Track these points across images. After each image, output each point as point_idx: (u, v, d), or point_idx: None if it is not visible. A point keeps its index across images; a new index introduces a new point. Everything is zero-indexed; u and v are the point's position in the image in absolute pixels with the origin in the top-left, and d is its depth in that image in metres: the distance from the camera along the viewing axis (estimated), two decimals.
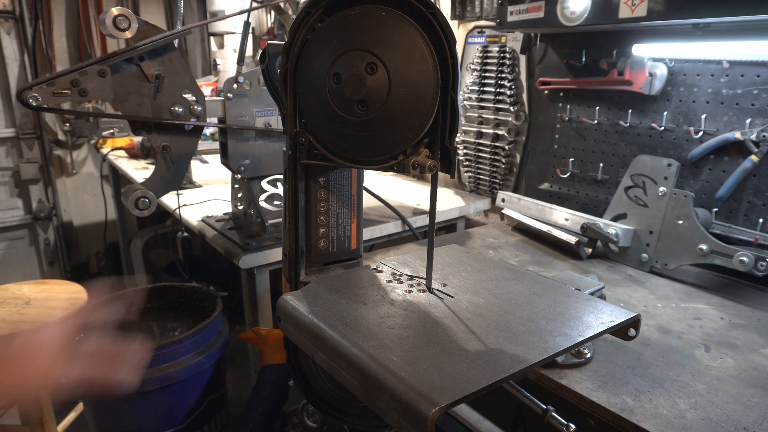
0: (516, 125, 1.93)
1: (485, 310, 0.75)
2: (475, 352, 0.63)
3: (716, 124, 1.39)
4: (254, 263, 1.52)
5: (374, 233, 1.75)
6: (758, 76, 1.30)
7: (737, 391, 0.87)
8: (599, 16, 1.33)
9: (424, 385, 0.56)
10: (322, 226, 0.87)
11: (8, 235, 3.65)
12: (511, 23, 1.58)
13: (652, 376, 0.90)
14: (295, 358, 0.87)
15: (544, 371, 0.91)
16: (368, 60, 0.67)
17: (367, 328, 0.69)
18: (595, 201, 1.70)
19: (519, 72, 1.90)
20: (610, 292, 1.26)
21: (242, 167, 1.53)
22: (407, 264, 0.91)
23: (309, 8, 0.71)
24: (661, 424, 0.77)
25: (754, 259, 1.17)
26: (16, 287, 2.17)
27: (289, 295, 0.78)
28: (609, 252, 1.49)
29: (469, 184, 2.19)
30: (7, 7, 3.33)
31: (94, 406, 1.65)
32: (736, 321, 1.13)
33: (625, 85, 1.52)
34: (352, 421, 0.92)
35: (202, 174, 2.50)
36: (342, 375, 0.64)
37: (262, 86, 1.51)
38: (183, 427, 1.67)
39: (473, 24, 2.03)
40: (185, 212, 1.88)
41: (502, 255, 1.53)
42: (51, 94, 1.11)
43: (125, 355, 0.72)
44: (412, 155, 0.70)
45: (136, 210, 1.20)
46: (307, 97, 0.74)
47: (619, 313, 0.74)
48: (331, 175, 0.85)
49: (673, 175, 1.34)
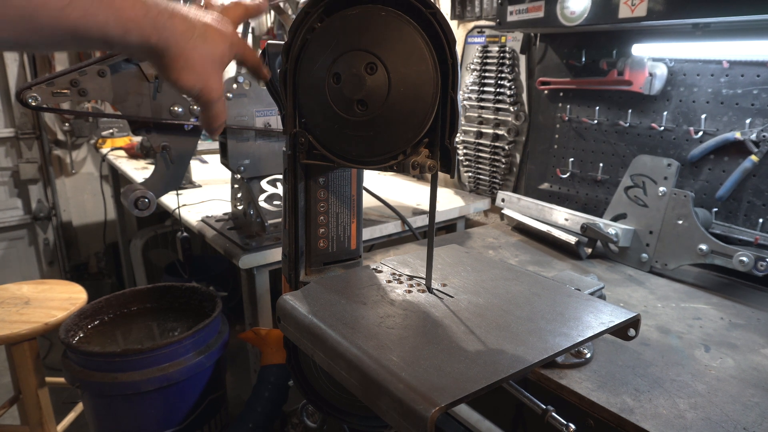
0: (516, 125, 1.93)
1: (485, 310, 0.75)
2: (475, 352, 0.63)
3: (716, 124, 1.39)
4: (254, 263, 1.52)
5: (374, 233, 1.75)
6: (758, 76, 1.30)
7: (737, 391, 0.87)
8: (599, 16, 1.33)
9: (424, 385, 0.56)
10: (321, 226, 0.87)
11: (8, 235, 3.65)
12: (510, 23, 1.58)
13: (652, 376, 0.90)
14: (295, 358, 0.87)
15: (544, 371, 0.91)
16: (368, 60, 0.67)
17: (367, 328, 0.69)
18: (595, 201, 1.70)
19: (519, 72, 1.90)
20: (610, 292, 1.26)
21: (242, 167, 1.53)
22: (407, 264, 0.91)
23: (309, 8, 0.71)
24: (661, 424, 0.77)
25: (754, 259, 1.17)
26: (16, 287, 2.17)
27: (289, 295, 0.78)
28: (609, 252, 1.49)
29: (469, 184, 2.19)
30: None
31: (94, 405, 1.65)
32: (736, 321, 1.13)
33: (625, 85, 1.52)
34: (352, 421, 0.92)
35: (201, 174, 2.50)
36: (342, 375, 0.64)
37: (262, 86, 1.51)
38: (183, 427, 1.67)
39: (473, 24, 2.03)
40: (185, 212, 1.88)
41: (502, 255, 1.53)
42: (50, 94, 1.11)
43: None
44: (412, 155, 0.70)
45: (136, 210, 1.20)
46: (306, 97, 0.74)
47: (619, 313, 0.74)
48: (331, 175, 0.85)
49: (673, 175, 1.34)
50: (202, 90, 0.68)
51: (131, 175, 2.53)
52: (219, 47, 0.67)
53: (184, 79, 0.65)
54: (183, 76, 0.65)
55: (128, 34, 0.57)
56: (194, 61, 0.65)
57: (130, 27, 0.57)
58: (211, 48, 0.66)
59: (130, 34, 0.57)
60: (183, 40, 0.63)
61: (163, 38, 0.61)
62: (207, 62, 0.66)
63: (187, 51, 0.63)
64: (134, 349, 1.51)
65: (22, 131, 3.54)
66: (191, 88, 0.67)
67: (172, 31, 0.61)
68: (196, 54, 0.65)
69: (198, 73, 0.66)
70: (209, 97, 0.70)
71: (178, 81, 0.66)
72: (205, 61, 0.66)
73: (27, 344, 1.89)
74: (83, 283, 2.28)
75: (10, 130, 3.51)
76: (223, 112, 0.74)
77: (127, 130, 3.25)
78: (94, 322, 1.79)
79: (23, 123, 3.52)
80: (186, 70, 0.65)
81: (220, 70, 0.70)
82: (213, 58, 0.67)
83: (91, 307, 1.80)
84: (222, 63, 0.69)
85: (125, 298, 1.87)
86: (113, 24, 0.55)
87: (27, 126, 3.54)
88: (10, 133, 3.51)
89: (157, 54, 0.62)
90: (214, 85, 0.69)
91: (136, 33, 0.58)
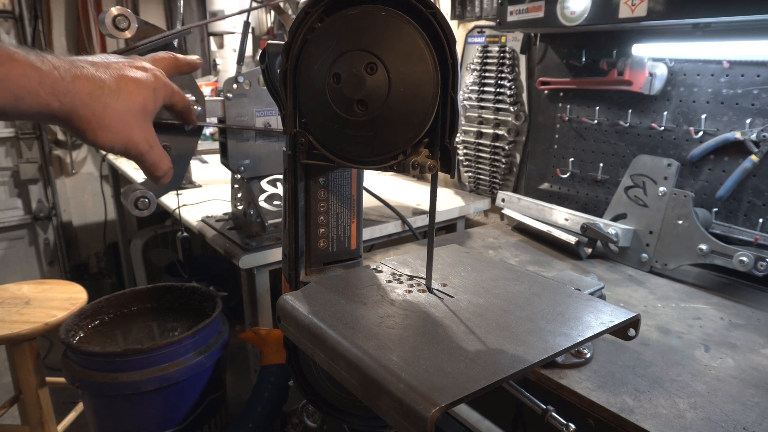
0: (516, 125, 1.93)
1: (485, 310, 0.75)
2: (475, 352, 0.63)
3: (716, 124, 1.39)
4: (254, 263, 1.52)
5: (374, 233, 1.75)
6: (758, 76, 1.30)
7: (737, 391, 0.87)
8: (599, 16, 1.33)
9: (424, 385, 0.56)
10: (321, 226, 0.87)
11: (8, 235, 3.65)
12: (511, 23, 1.58)
13: (652, 376, 0.90)
14: (295, 358, 0.87)
15: (544, 371, 0.91)
16: (368, 60, 0.67)
17: (367, 328, 0.69)
18: (595, 201, 1.70)
19: (519, 72, 1.90)
20: (610, 292, 1.26)
21: (242, 167, 1.53)
22: (407, 264, 0.91)
23: (308, 8, 0.71)
24: (661, 424, 0.77)
25: (754, 259, 1.17)
26: (16, 287, 2.17)
27: (289, 295, 0.78)
28: (609, 252, 1.49)
29: (469, 184, 2.19)
30: (6, 7, 3.33)
31: (94, 405, 1.65)
32: (736, 321, 1.13)
33: (625, 85, 1.52)
34: (352, 421, 0.92)
35: (201, 174, 2.50)
36: (342, 375, 0.64)
37: (262, 86, 1.51)
38: (183, 427, 1.67)
39: (473, 24, 2.03)
40: (185, 212, 1.88)
41: (502, 255, 1.53)
42: None
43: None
44: (412, 155, 0.70)
45: (136, 210, 1.20)
46: (306, 97, 0.74)
47: (619, 313, 0.74)
48: (331, 175, 0.85)
49: (673, 175, 1.34)
50: (127, 146, 0.66)
51: (131, 175, 2.53)
52: (137, 99, 0.65)
53: (102, 139, 0.63)
54: (100, 137, 0.62)
55: (20, 103, 0.55)
56: (109, 119, 0.62)
57: (22, 96, 0.55)
58: (127, 101, 0.64)
59: (23, 103, 0.55)
60: (91, 101, 0.60)
61: (66, 103, 0.58)
62: (125, 117, 0.64)
63: (97, 111, 0.61)
64: (134, 349, 1.51)
65: (22, 131, 3.54)
66: (112, 147, 0.64)
67: (76, 93, 0.59)
68: (110, 111, 0.62)
69: (116, 132, 0.63)
70: (137, 151, 0.67)
71: (95, 143, 0.63)
72: (122, 116, 0.63)
73: (27, 344, 1.89)
74: (83, 283, 2.28)
75: (10, 130, 3.51)
76: (161, 160, 0.72)
77: None
78: (94, 322, 1.79)
79: (23, 123, 3.52)
80: (101, 130, 0.62)
81: (143, 120, 0.67)
82: (132, 111, 0.65)
83: (91, 307, 1.80)
84: (145, 113, 0.67)
85: (125, 298, 1.87)
86: (2, 95, 0.53)
87: (27, 126, 3.54)
88: (10, 133, 3.51)
89: (63, 119, 0.59)
90: (138, 138, 0.66)
91: (30, 101, 0.55)
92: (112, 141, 0.64)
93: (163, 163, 0.72)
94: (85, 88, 0.60)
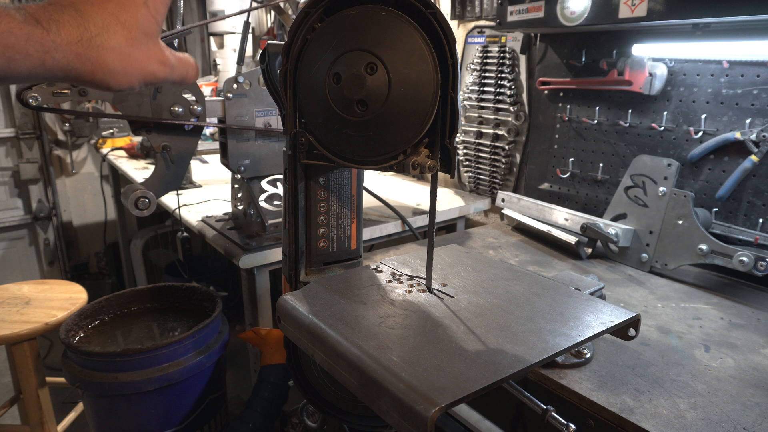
0: (516, 125, 1.93)
1: (485, 310, 0.75)
2: (475, 352, 0.63)
3: (716, 124, 1.39)
4: (254, 263, 1.52)
5: (374, 233, 1.75)
6: (758, 76, 1.30)
7: (737, 391, 0.87)
8: (599, 16, 1.33)
9: (424, 385, 0.56)
10: (321, 226, 0.87)
11: (8, 235, 3.66)
12: (511, 23, 1.58)
13: (652, 376, 0.90)
14: (295, 358, 0.87)
15: (544, 371, 0.91)
16: (368, 60, 0.67)
17: (367, 328, 0.69)
18: (595, 201, 1.70)
19: (519, 72, 1.90)
20: (610, 292, 1.26)
21: (242, 167, 1.53)
22: (407, 264, 0.91)
23: (309, 8, 0.71)
24: (661, 424, 0.77)
25: (754, 259, 1.17)
26: (16, 287, 2.17)
27: (289, 295, 0.78)
28: (609, 252, 1.49)
29: (469, 184, 2.19)
30: None
31: (94, 405, 1.65)
32: (736, 321, 1.13)
33: (625, 85, 1.52)
34: (352, 421, 0.92)
35: (201, 174, 2.50)
36: (342, 375, 0.64)
37: (262, 86, 1.51)
38: (183, 427, 1.67)
39: (473, 24, 2.03)
40: (185, 212, 1.88)
41: (502, 255, 1.53)
42: (51, 94, 1.11)
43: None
44: (412, 155, 0.70)
45: (136, 210, 1.20)
46: (307, 97, 0.74)
47: (619, 313, 0.74)
48: (331, 175, 0.85)
49: (673, 175, 1.34)
50: (145, 79, 0.59)
51: (131, 175, 2.53)
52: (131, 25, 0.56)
53: (114, 84, 0.57)
54: (112, 84, 0.56)
55: (12, 64, 0.50)
56: (110, 63, 0.55)
57: (12, 56, 0.49)
58: (121, 33, 0.55)
59: (15, 64, 0.50)
60: (84, 50, 0.54)
61: (60, 59, 0.52)
62: (127, 52, 0.56)
63: (94, 58, 0.54)
64: (134, 349, 1.51)
65: (23, 131, 3.54)
66: (130, 87, 0.58)
67: (66, 46, 0.52)
68: (107, 53, 0.55)
69: (124, 72, 0.56)
70: (156, 79, 0.60)
71: (111, 90, 0.57)
72: (123, 52, 0.56)
73: (27, 344, 1.89)
74: (83, 283, 2.28)
75: (11, 130, 3.51)
76: (186, 71, 0.63)
77: (128, 130, 3.25)
78: (94, 322, 1.80)
79: (24, 123, 3.52)
80: (108, 77, 0.56)
81: (149, 43, 0.58)
82: (132, 41, 0.56)
83: (91, 307, 1.80)
84: (147, 34, 0.58)
85: (125, 298, 1.87)
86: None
87: (27, 126, 3.54)
88: (10, 133, 3.51)
89: (64, 76, 0.54)
90: (152, 67, 0.59)
91: (21, 61, 0.50)
92: (127, 82, 0.57)
93: (189, 73, 0.64)
94: (72, 37, 0.53)
